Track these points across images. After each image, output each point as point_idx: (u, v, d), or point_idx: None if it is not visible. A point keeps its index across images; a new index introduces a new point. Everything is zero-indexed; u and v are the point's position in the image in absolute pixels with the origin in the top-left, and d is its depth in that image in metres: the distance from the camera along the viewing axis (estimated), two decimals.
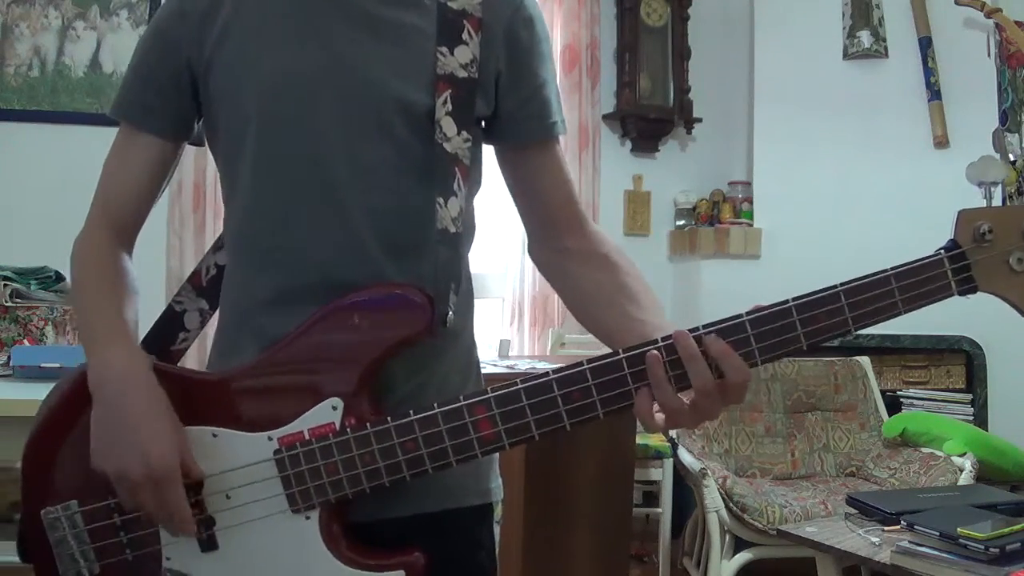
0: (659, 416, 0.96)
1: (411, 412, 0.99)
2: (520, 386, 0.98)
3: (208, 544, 1.03)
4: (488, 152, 1.18)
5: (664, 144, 4.51)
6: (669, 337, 0.96)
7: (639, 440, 3.33)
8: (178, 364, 1.16)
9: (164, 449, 0.98)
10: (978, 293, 0.97)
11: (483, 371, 1.18)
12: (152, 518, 1.01)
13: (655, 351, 0.96)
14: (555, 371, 0.98)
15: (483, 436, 0.98)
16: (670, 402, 0.95)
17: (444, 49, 1.07)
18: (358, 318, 1.03)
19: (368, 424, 1.00)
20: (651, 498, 3.68)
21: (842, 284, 0.95)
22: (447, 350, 1.10)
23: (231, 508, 1.02)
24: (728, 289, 4.06)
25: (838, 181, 4.16)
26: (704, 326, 0.96)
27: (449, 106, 1.06)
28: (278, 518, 1.02)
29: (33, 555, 1.07)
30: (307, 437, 1.01)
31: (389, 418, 1.00)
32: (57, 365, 2.10)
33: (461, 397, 0.99)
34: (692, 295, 4.27)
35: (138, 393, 1.00)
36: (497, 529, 1.17)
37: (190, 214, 3.62)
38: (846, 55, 4.24)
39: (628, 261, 1.16)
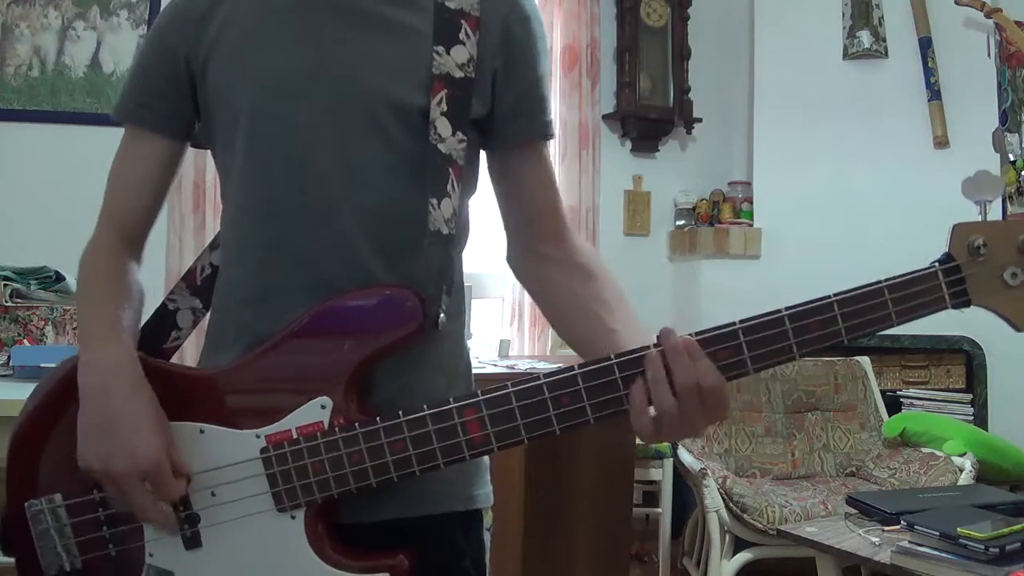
0: (651, 414, 0.95)
1: (400, 413, 0.99)
2: (510, 389, 0.98)
3: (192, 541, 1.02)
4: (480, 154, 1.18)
5: (664, 144, 4.52)
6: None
7: (639, 440, 3.33)
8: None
9: (149, 443, 0.98)
10: (972, 306, 0.97)
11: (483, 371, 1.17)
12: (145, 515, 1.00)
13: (655, 351, 0.96)
14: (546, 375, 0.97)
15: (472, 439, 0.98)
16: (665, 401, 0.94)
17: (440, 49, 1.07)
18: (350, 318, 1.02)
19: (357, 424, 0.99)
20: (651, 498, 3.67)
21: (836, 294, 0.95)
22: (433, 352, 1.09)
23: (216, 505, 1.02)
24: (728, 289, 4.06)
25: (838, 181, 4.16)
26: (696, 333, 0.96)
27: (444, 106, 1.05)
28: (263, 517, 1.01)
29: (16, 548, 1.06)
30: (295, 436, 1.00)
31: (378, 418, 0.99)
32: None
33: (451, 399, 0.98)
34: (692, 295, 4.27)
35: (122, 389, 1.00)
36: (487, 536, 1.15)
37: (190, 214, 3.62)
38: (846, 55, 4.23)
39: (606, 272, 1.15)
